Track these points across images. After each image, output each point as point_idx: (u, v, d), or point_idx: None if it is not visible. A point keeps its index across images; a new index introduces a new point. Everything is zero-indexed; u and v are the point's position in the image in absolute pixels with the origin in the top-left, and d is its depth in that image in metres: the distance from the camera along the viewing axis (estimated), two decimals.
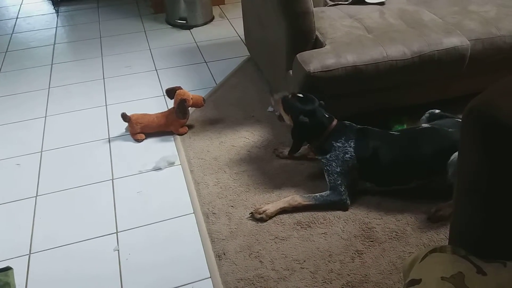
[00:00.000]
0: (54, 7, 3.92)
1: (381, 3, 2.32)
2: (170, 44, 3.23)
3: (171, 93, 2.26)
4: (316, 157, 1.91)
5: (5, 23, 3.70)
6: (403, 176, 1.80)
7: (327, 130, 1.84)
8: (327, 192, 1.81)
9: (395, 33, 2.03)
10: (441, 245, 1.04)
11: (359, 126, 1.87)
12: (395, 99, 2.14)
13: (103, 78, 2.83)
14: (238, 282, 1.55)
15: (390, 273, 1.56)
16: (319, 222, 1.76)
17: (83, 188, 2.00)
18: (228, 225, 1.77)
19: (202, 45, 3.19)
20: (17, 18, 3.79)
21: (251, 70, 2.80)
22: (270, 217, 1.77)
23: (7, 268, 1.57)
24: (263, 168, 2.04)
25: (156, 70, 2.90)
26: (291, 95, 1.89)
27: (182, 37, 3.33)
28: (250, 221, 1.78)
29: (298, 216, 1.78)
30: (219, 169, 2.05)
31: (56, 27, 3.59)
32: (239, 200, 1.88)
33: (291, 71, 2.05)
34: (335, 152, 1.80)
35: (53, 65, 3.02)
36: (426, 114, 1.99)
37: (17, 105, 2.61)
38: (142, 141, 2.26)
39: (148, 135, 2.28)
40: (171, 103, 2.29)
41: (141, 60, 3.03)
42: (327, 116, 1.86)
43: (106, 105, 2.57)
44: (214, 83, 2.72)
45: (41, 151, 2.23)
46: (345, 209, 1.80)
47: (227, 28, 3.44)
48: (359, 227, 1.73)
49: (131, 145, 2.25)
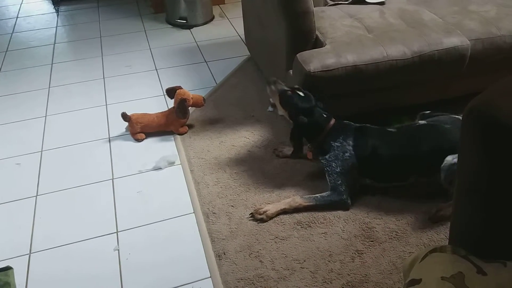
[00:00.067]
0: (54, 7, 3.92)
1: (381, 3, 2.32)
2: (170, 44, 3.22)
3: (171, 93, 2.26)
4: (314, 158, 1.92)
5: (5, 23, 3.70)
6: (403, 172, 1.80)
7: (325, 130, 1.84)
8: (328, 193, 1.81)
9: (395, 33, 2.03)
10: (441, 245, 1.04)
11: (357, 125, 1.87)
12: (395, 99, 2.14)
13: (103, 78, 2.83)
14: (238, 282, 1.55)
15: (390, 273, 1.56)
16: (319, 222, 1.76)
17: (83, 188, 2.00)
18: (228, 225, 1.77)
19: (202, 45, 3.19)
20: (17, 18, 3.79)
21: (251, 70, 2.80)
22: (271, 218, 1.77)
23: (7, 268, 1.58)
24: (263, 168, 2.04)
25: (156, 70, 2.90)
26: (291, 91, 1.88)
27: (182, 37, 3.33)
28: (250, 221, 1.78)
29: (298, 216, 1.78)
30: (219, 169, 2.05)
31: (56, 27, 3.59)
32: (239, 200, 1.88)
33: (291, 71, 2.05)
34: (334, 152, 1.81)
35: (53, 65, 3.02)
36: (418, 117, 1.99)
37: (17, 105, 2.60)
38: (142, 141, 2.26)
39: (148, 135, 2.28)
40: (171, 103, 2.29)
41: (141, 60, 3.03)
42: (325, 116, 1.86)
43: (106, 105, 2.57)
44: (214, 83, 2.72)
45: (41, 151, 2.23)
46: (346, 209, 1.80)
47: (227, 28, 3.44)
48: (359, 227, 1.73)
49: (131, 145, 2.25)
